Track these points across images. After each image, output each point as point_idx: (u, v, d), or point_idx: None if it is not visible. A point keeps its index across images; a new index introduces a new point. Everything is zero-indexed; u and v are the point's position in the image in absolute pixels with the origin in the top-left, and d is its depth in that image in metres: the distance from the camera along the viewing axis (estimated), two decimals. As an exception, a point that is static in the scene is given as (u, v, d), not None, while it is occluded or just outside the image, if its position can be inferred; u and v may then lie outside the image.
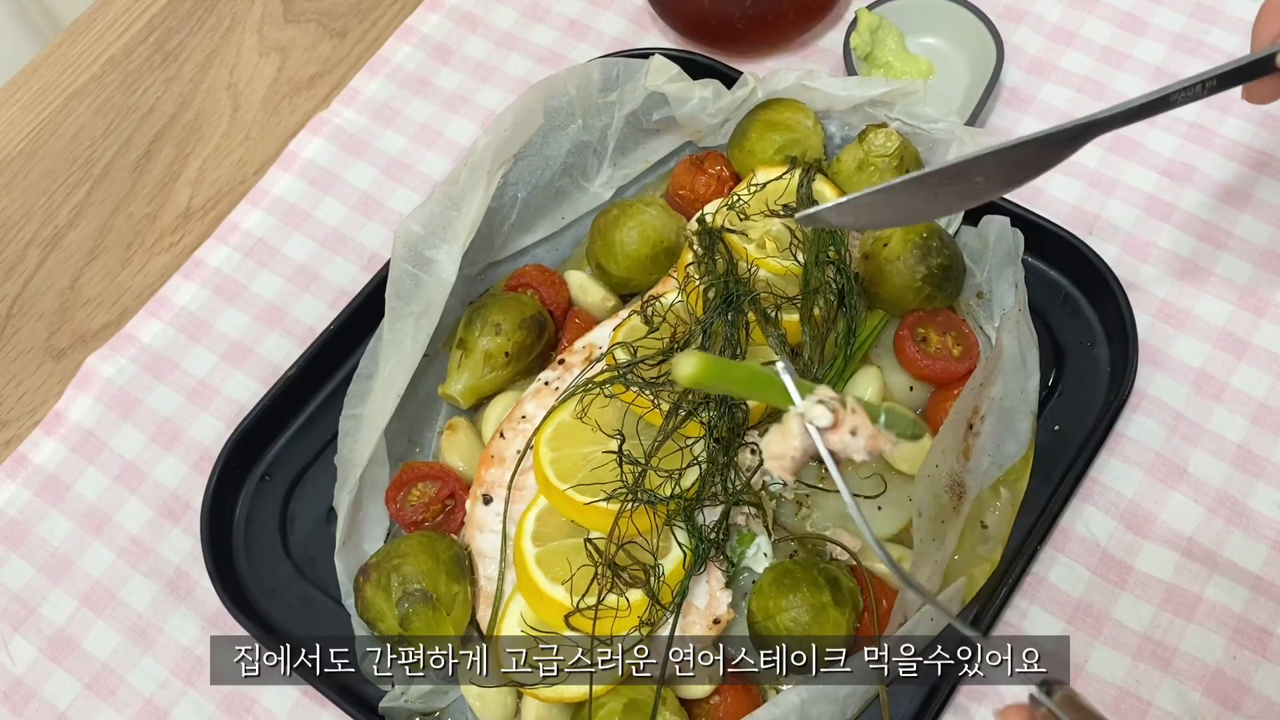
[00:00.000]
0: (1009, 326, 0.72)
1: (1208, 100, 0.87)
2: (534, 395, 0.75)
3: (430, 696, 0.70)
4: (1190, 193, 0.85)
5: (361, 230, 0.90)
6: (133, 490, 0.81)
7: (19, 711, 0.74)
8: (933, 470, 0.68)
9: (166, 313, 0.88)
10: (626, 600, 0.65)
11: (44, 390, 0.87)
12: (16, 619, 0.77)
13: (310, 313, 0.87)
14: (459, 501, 0.75)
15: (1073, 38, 0.93)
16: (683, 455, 0.67)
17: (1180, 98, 0.62)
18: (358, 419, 0.75)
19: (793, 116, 0.82)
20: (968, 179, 0.63)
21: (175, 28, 1.03)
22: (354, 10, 1.02)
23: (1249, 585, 0.71)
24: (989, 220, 0.79)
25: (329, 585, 0.74)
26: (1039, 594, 0.72)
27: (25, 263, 0.92)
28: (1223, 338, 0.79)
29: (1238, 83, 0.63)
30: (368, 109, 0.96)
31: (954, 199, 0.66)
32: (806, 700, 0.63)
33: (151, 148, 0.97)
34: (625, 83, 0.84)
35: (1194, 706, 0.68)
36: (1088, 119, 0.62)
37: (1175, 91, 0.61)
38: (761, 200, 0.78)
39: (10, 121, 0.99)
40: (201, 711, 0.73)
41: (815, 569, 0.67)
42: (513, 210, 0.83)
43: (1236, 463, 0.75)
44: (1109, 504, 0.74)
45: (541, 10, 1.00)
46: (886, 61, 0.89)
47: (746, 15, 0.89)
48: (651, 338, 0.73)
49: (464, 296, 0.82)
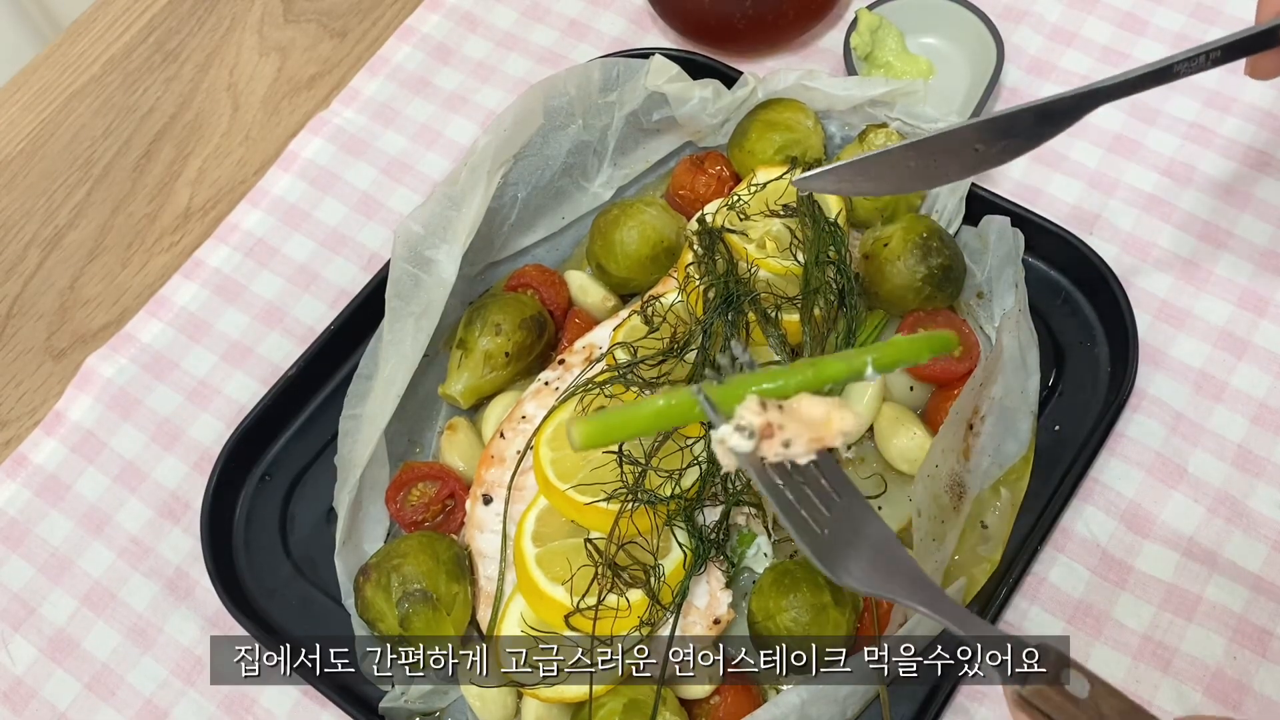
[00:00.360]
0: (1009, 326, 0.72)
1: (1208, 100, 0.88)
2: (534, 395, 0.75)
3: (430, 696, 0.70)
4: (1190, 193, 0.85)
5: (361, 230, 0.90)
6: (133, 490, 0.81)
7: (19, 711, 0.74)
8: (932, 470, 0.68)
9: (166, 313, 0.88)
10: (626, 600, 0.65)
11: (44, 390, 0.87)
12: (16, 619, 0.77)
13: (310, 313, 0.87)
14: (459, 501, 0.75)
15: (1073, 38, 0.93)
16: (683, 455, 0.67)
17: (1184, 68, 0.61)
18: (358, 419, 0.75)
19: (793, 116, 0.82)
20: (967, 147, 0.62)
21: (175, 28, 1.03)
22: (354, 10, 1.02)
23: (1249, 585, 0.71)
24: (989, 220, 0.79)
25: (329, 585, 0.74)
26: (1039, 594, 0.72)
27: (25, 263, 0.92)
28: (1223, 337, 0.79)
29: (1242, 55, 0.62)
30: (368, 109, 0.96)
31: (954, 168, 0.65)
32: (806, 700, 0.63)
33: (151, 148, 0.97)
34: (625, 83, 0.84)
35: (1194, 706, 0.68)
36: (1090, 87, 0.61)
37: (1179, 62, 0.61)
38: (762, 200, 0.78)
39: (10, 121, 0.99)
40: (201, 711, 0.73)
41: (815, 569, 0.67)
42: (513, 210, 0.83)
43: (1237, 463, 0.75)
44: (1109, 504, 0.74)
45: (541, 10, 1.00)
46: (887, 61, 0.89)
47: (746, 15, 0.89)
48: (651, 338, 0.73)
49: (464, 296, 0.82)
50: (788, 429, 0.46)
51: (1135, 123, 0.88)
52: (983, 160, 0.64)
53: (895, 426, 0.74)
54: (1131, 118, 0.88)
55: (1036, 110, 0.61)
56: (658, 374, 0.70)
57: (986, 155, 0.63)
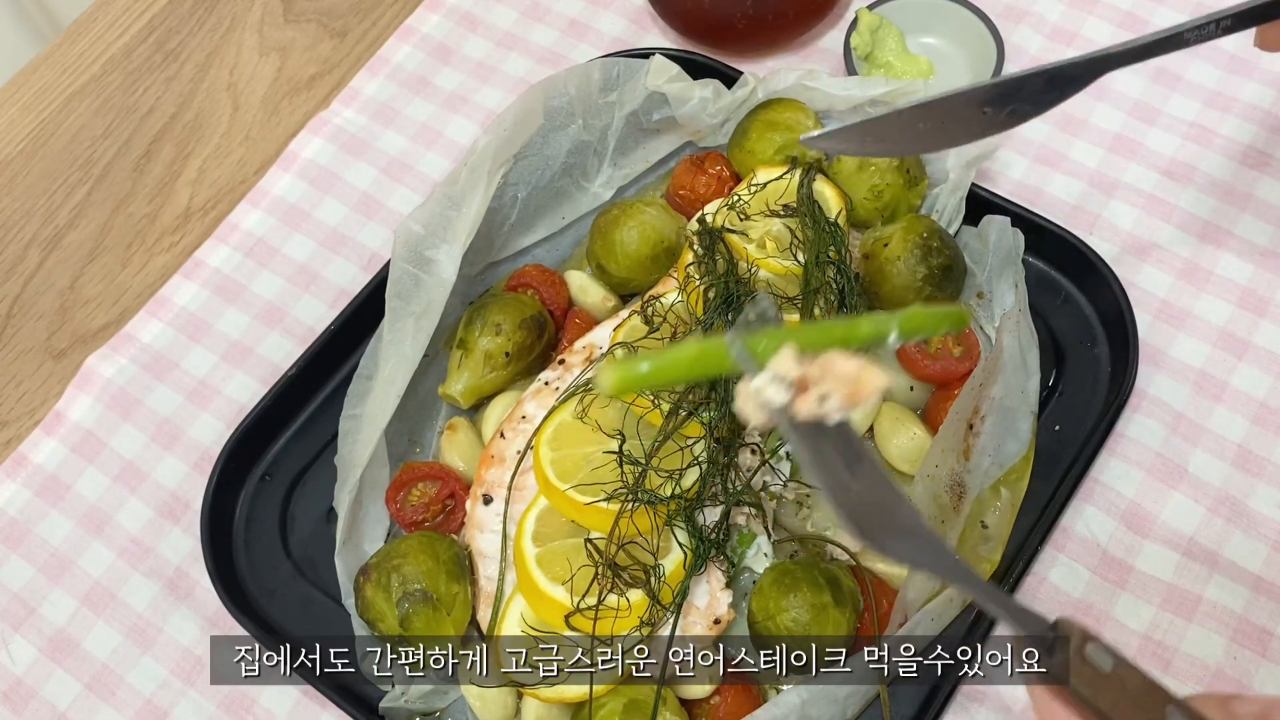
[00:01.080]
0: (1009, 326, 0.72)
1: (1208, 100, 0.88)
2: (534, 395, 0.75)
3: (430, 696, 0.70)
4: (1190, 193, 0.85)
5: (361, 230, 0.90)
6: (133, 490, 0.81)
7: (19, 711, 0.74)
8: (932, 470, 0.68)
9: (167, 313, 0.88)
10: (627, 600, 0.65)
11: (44, 390, 0.87)
12: (16, 619, 0.77)
13: (310, 313, 0.87)
14: (459, 501, 0.75)
15: (1073, 37, 0.93)
16: (683, 455, 0.67)
17: (1194, 36, 0.60)
18: (358, 419, 0.75)
19: (793, 116, 0.82)
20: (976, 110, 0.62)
21: (175, 28, 1.03)
22: (354, 10, 1.02)
23: (1249, 585, 0.71)
24: (989, 220, 0.79)
25: (329, 585, 0.74)
26: (1039, 594, 0.72)
27: (25, 263, 0.92)
28: (1223, 338, 0.79)
29: (1252, 24, 0.61)
30: (368, 109, 0.96)
31: (963, 131, 0.65)
32: (806, 700, 0.63)
33: (152, 148, 0.97)
34: (625, 83, 0.84)
35: (1194, 706, 0.68)
36: (1101, 52, 0.61)
37: (1190, 29, 0.60)
38: (762, 200, 0.78)
39: (10, 122, 0.99)
40: (201, 711, 0.73)
41: (816, 569, 0.67)
42: (513, 210, 0.83)
43: (1237, 463, 0.75)
44: (1109, 504, 0.74)
45: (541, 10, 1.00)
46: (887, 61, 0.89)
47: (747, 15, 0.89)
48: (652, 338, 0.73)
49: (464, 296, 0.82)
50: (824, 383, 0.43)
51: (1135, 122, 0.88)
52: (991, 124, 0.63)
53: (895, 426, 0.74)
54: (1132, 117, 0.88)
55: (1047, 74, 0.61)
56: (658, 374, 0.70)
57: (995, 119, 0.63)
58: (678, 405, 0.68)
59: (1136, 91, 0.89)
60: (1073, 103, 0.89)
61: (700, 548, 0.67)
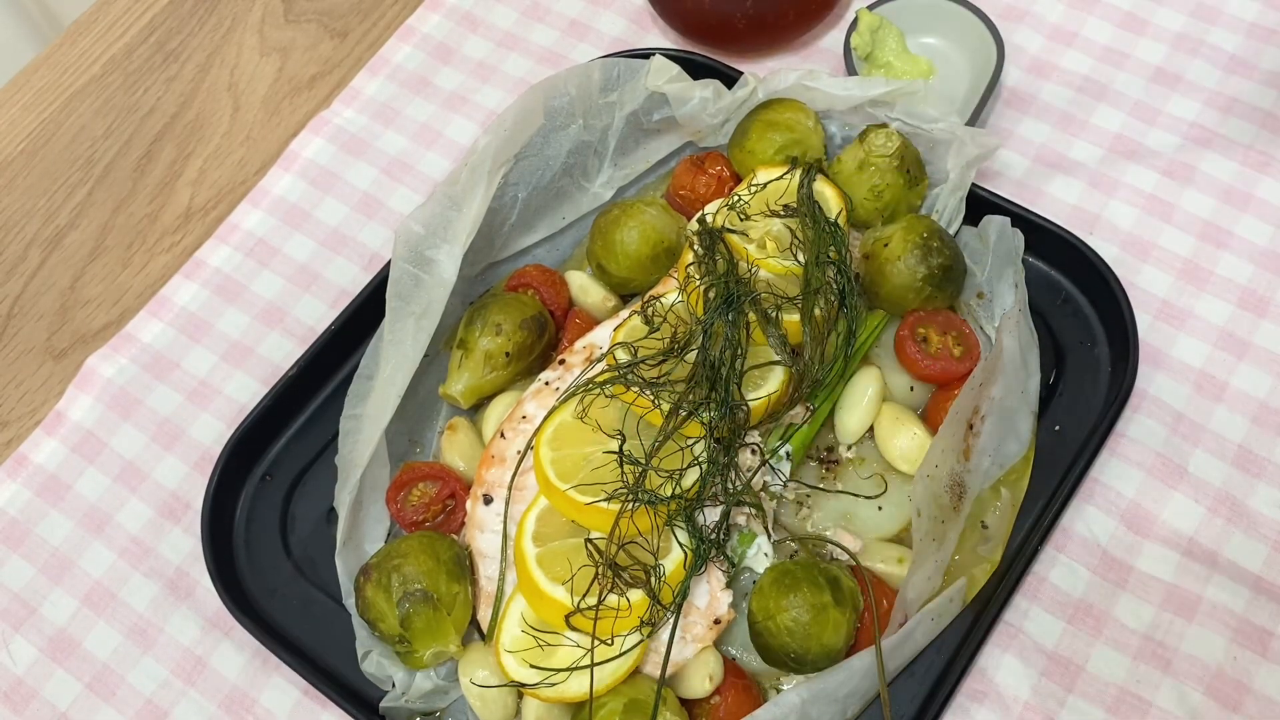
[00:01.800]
0: (1009, 326, 0.72)
1: (1208, 99, 0.88)
2: (534, 395, 0.75)
3: (430, 696, 0.70)
4: (1190, 193, 0.85)
5: (362, 230, 0.90)
6: (133, 490, 0.81)
7: (19, 711, 0.74)
8: (932, 470, 0.68)
9: (167, 313, 0.88)
10: (627, 600, 0.65)
11: (44, 390, 0.87)
12: (17, 619, 0.77)
13: (310, 313, 0.87)
14: (459, 501, 0.75)
15: (1073, 37, 0.93)
16: (683, 455, 0.67)
17: None
18: (358, 419, 0.75)
19: (793, 116, 0.82)
20: None
21: (176, 28, 1.03)
22: (354, 10, 1.02)
23: (1250, 585, 0.71)
24: (989, 220, 0.79)
25: (329, 585, 0.74)
26: (1039, 594, 0.72)
27: (26, 263, 0.92)
28: (1223, 338, 0.79)
29: None
30: (368, 109, 0.96)
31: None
32: (806, 700, 0.63)
33: (152, 148, 0.97)
34: (626, 83, 0.84)
35: (1195, 707, 0.68)
36: None
37: None
38: (762, 200, 0.78)
39: (11, 122, 0.99)
40: (201, 711, 0.73)
41: (816, 569, 0.67)
42: (513, 210, 0.83)
43: (1237, 463, 0.75)
44: (1109, 504, 0.74)
45: (541, 10, 1.00)
46: (887, 61, 0.89)
47: (747, 15, 0.89)
48: (652, 338, 0.73)
49: (464, 296, 0.82)
50: None
51: (1135, 122, 0.88)
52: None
53: (895, 426, 0.74)
54: (1132, 117, 0.88)
55: None
56: (658, 374, 0.70)
57: None
58: (678, 405, 0.68)
59: (1137, 91, 0.89)
60: (1073, 103, 0.90)
61: (700, 548, 0.67)
